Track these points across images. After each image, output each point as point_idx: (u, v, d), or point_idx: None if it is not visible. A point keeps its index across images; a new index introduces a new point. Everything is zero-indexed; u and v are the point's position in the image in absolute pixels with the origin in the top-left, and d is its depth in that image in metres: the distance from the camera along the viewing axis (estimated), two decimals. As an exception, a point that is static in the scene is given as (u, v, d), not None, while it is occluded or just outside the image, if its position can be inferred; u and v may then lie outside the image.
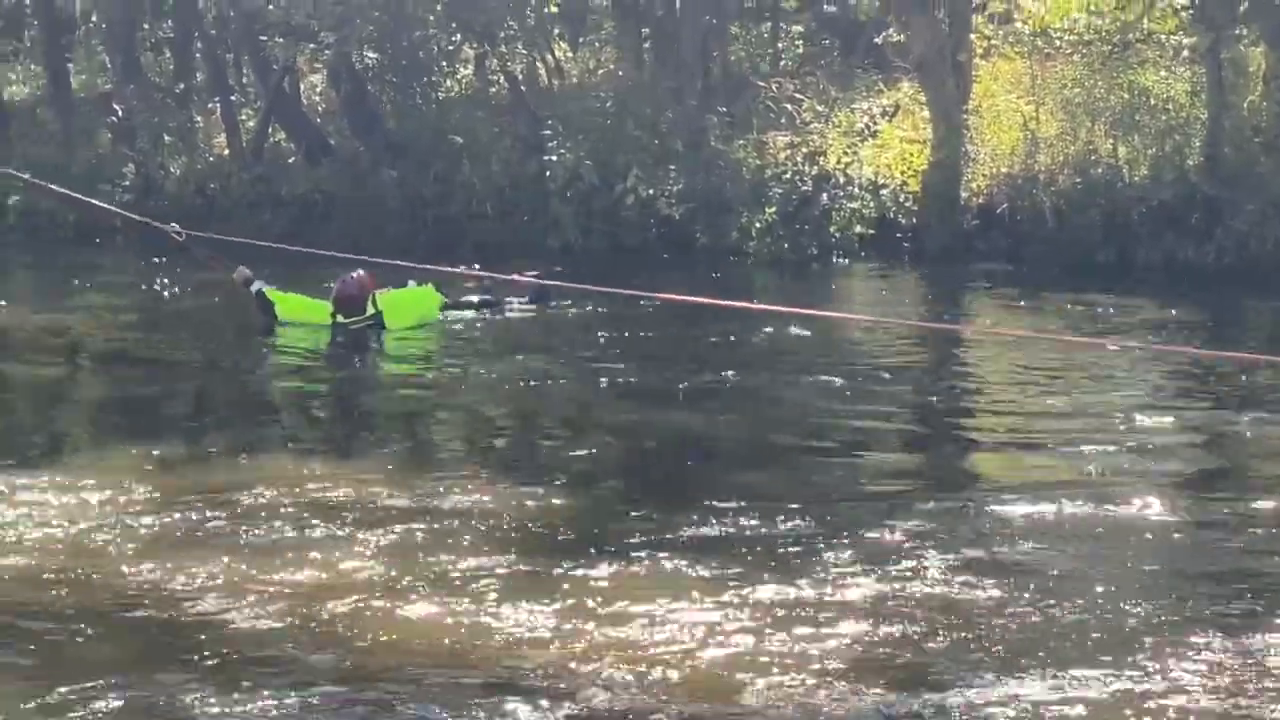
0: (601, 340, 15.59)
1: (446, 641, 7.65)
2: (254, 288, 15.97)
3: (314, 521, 9.49)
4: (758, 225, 21.33)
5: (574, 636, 7.66)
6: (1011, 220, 21.07)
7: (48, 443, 12.61)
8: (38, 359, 16.41)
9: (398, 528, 9.37)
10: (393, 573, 8.55)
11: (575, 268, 17.83)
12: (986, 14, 24.07)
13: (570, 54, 26.66)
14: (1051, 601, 8.00)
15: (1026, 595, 8.08)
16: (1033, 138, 21.54)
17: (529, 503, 9.92)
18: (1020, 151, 21.51)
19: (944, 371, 14.84)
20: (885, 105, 23.96)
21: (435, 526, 9.38)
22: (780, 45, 28.11)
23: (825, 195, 21.73)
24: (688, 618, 7.86)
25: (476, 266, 16.82)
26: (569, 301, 16.75)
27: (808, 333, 15.72)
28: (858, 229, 21.43)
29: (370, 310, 15.49)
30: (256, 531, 9.32)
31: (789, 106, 24.16)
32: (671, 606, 7.97)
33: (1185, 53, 22.41)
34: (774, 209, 21.45)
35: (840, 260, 21.13)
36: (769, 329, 15.82)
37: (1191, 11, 21.79)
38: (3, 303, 18.74)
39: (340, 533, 9.28)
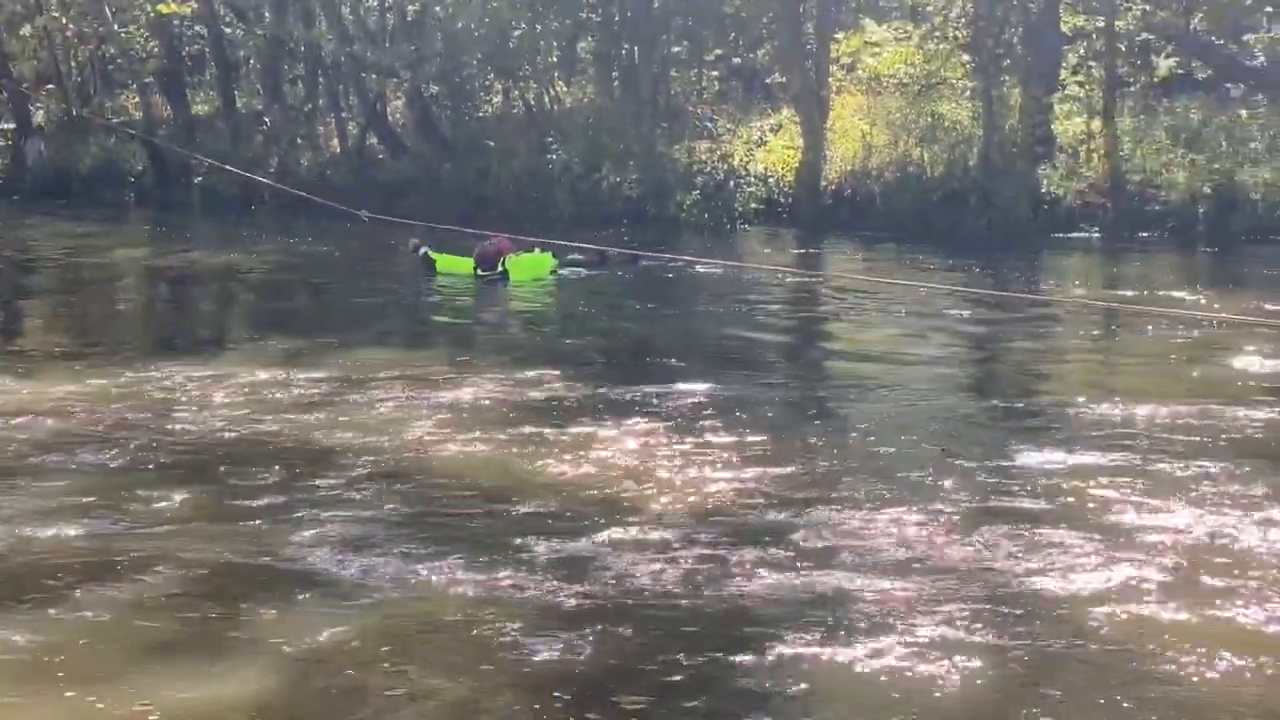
0: (635, 289, 14.77)
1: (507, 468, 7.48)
2: (421, 251, 15.33)
3: (398, 391, 9.24)
4: (688, 202, 20.98)
5: (567, 466, 7.49)
6: (853, 201, 20.77)
7: (226, 339, 12.30)
8: (215, 285, 16.09)
9: (452, 395, 9.11)
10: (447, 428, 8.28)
11: (576, 233, 16.84)
12: (840, 65, 23.64)
13: (566, 88, 26.05)
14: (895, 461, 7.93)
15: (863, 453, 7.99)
16: (868, 146, 21.27)
17: (558, 383, 9.59)
18: (859, 156, 21.20)
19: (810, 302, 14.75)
20: (772, 124, 23.67)
21: (493, 396, 9.13)
22: (703, 85, 27.68)
23: (732, 183, 21.37)
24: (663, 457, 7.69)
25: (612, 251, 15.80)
26: (645, 265, 15.52)
27: (719, 274, 15.51)
28: (753, 205, 21.09)
29: (500, 268, 14.76)
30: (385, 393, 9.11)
31: (709, 125, 23.88)
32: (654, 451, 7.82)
33: (968, 92, 22.16)
34: (698, 191, 21.08)
35: (742, 226, 20.72)
36: (700, 274, 15.59)
37: (973, 64, 21.60)
38: (195, 251, 18.35)
39: (438, 397, 9.05)
